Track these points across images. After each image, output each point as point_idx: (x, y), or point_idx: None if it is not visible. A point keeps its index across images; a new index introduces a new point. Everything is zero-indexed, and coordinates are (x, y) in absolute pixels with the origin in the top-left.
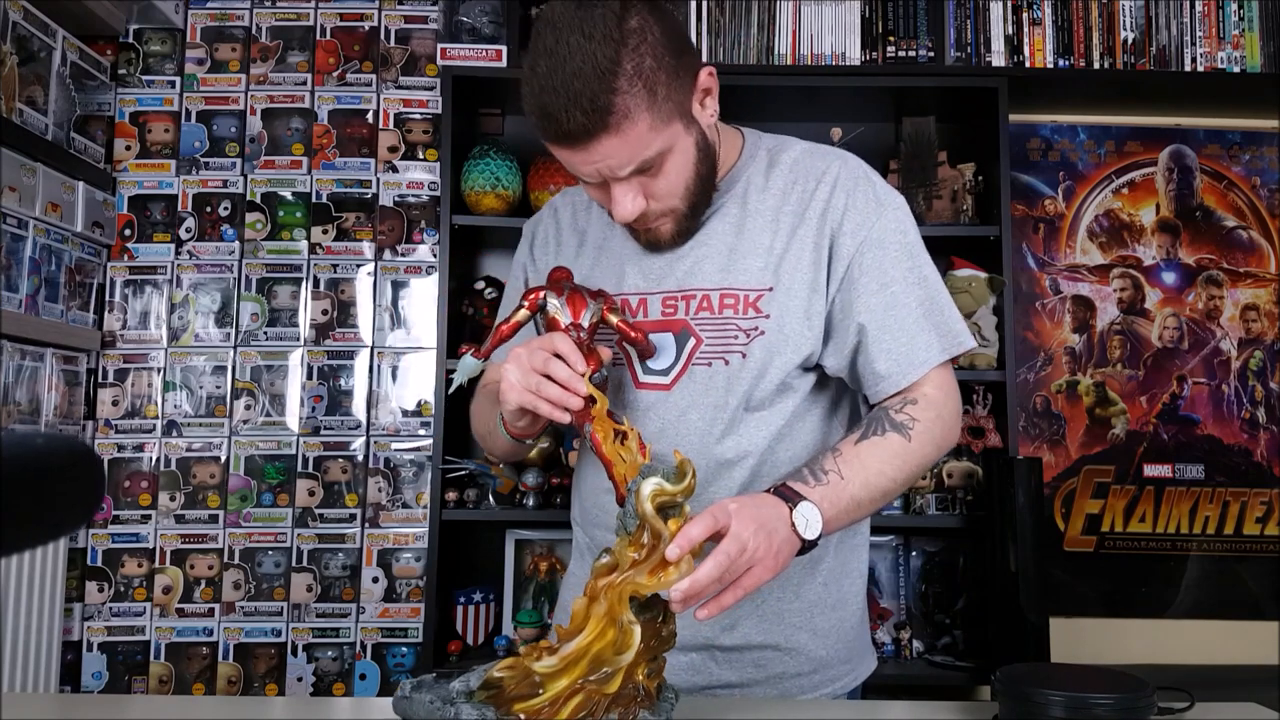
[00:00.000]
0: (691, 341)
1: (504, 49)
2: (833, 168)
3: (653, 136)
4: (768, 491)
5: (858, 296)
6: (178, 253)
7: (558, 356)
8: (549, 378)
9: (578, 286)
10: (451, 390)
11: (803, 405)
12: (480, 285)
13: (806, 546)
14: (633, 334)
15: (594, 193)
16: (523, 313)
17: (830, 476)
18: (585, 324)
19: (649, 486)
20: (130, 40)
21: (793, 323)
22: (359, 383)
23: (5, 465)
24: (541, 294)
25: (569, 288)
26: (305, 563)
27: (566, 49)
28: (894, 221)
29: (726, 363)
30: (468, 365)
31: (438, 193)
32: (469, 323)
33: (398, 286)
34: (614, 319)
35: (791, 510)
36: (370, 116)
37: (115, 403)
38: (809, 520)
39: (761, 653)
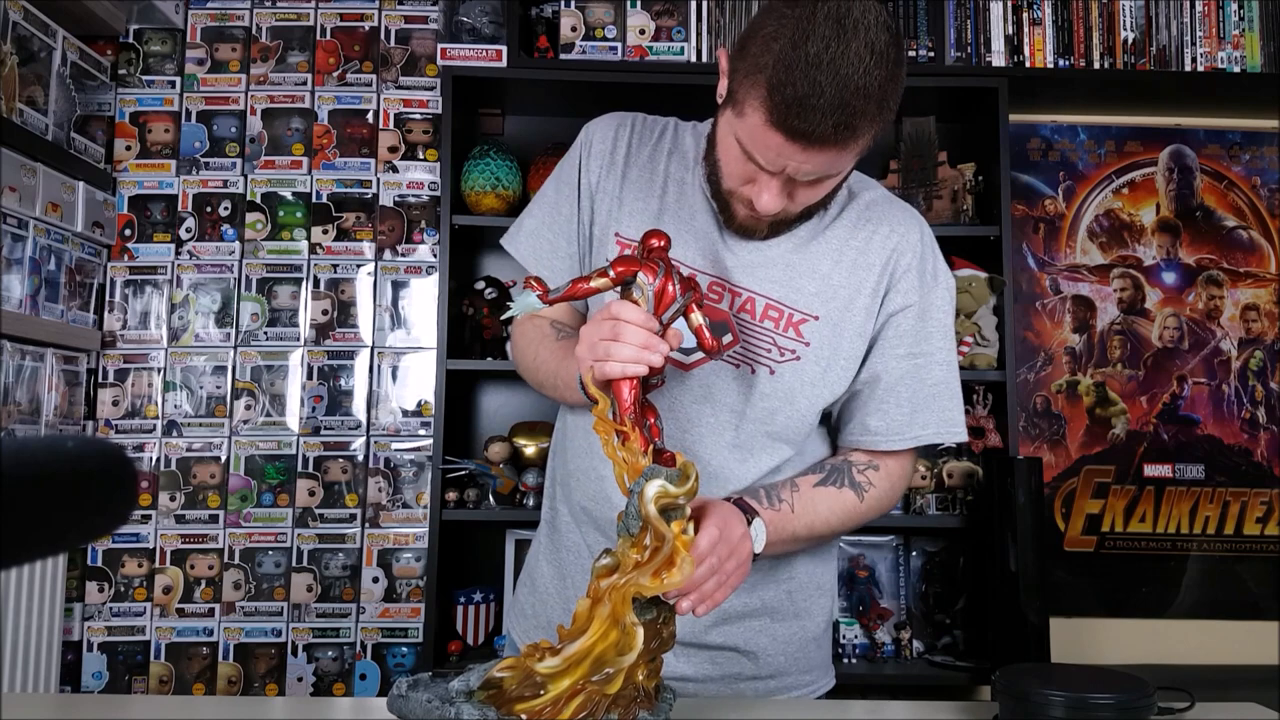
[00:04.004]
0: (727, 336)
1: (504, 49)
2: (908, 223)
3: (851, 161)
4: (725, 500)
5: (883, 352)
6: (178, 253)
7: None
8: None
9: (672, 270)
10: (504, 317)
11: (807, 451)
12: (480, 285)
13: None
14: (708, 340)
15: (740, 167)
16: (604, 281)
17: (784, 506)
18: (665, 319)
19: (653, 489)
20: (130, 40)
21: (831, 358)
22: (359, 383)
23: (37, 469)
24: (635, 271)
25: (663, 270)
26: (305, 563)
27: (849, 51)
28: (942, 300)
29: (753, 371)
30: (529, 303)
31: (438, 193)
32: (469, 323)
33: (398, 286)
34: (696, 319)
35: (749, 524)
36: (370, 116)
37: (115, 403)
38: (757, 536)
39: (719, 652)
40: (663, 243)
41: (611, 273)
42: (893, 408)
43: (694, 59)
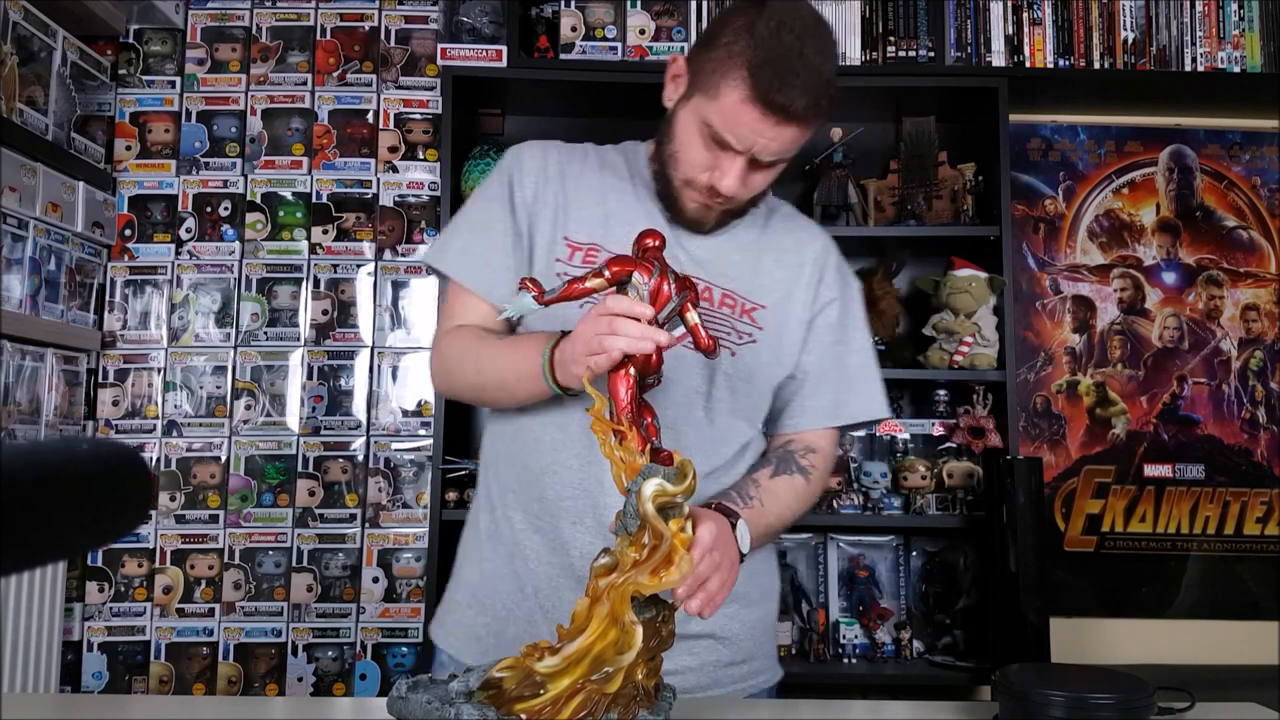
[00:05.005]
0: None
1: (504, 49)
2: (823, 233)
3: (799, 146)
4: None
5: (815, 340)
6: (178, 253)
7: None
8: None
9: (667, 269)
10: (500, 317)
11: (754, 441)
12: None
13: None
14: (704, 339)
15: (703, 154)
16: (599, 281)
17: (754, 503)
18: (661, 319)
19: (650, 487)
20: (130, 40)
21: (779, 342)
22: (359, 383)
23: (49, 472)
24: (630, 270)
25: (658, 270)
26: (305, 563)
27: (815, 43)
28: (857, 297)
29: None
30: (525, 304)
31: (438, 193)
32: None
33: (398, 286)
34: (691, 318)
35: (734, 526)
36: (370, 116)
37: (115, 403)
38: (742, 537)
39: (698, 641)
40: (657, 242)
41: (607, 273)
42: (825, 390)
43: None
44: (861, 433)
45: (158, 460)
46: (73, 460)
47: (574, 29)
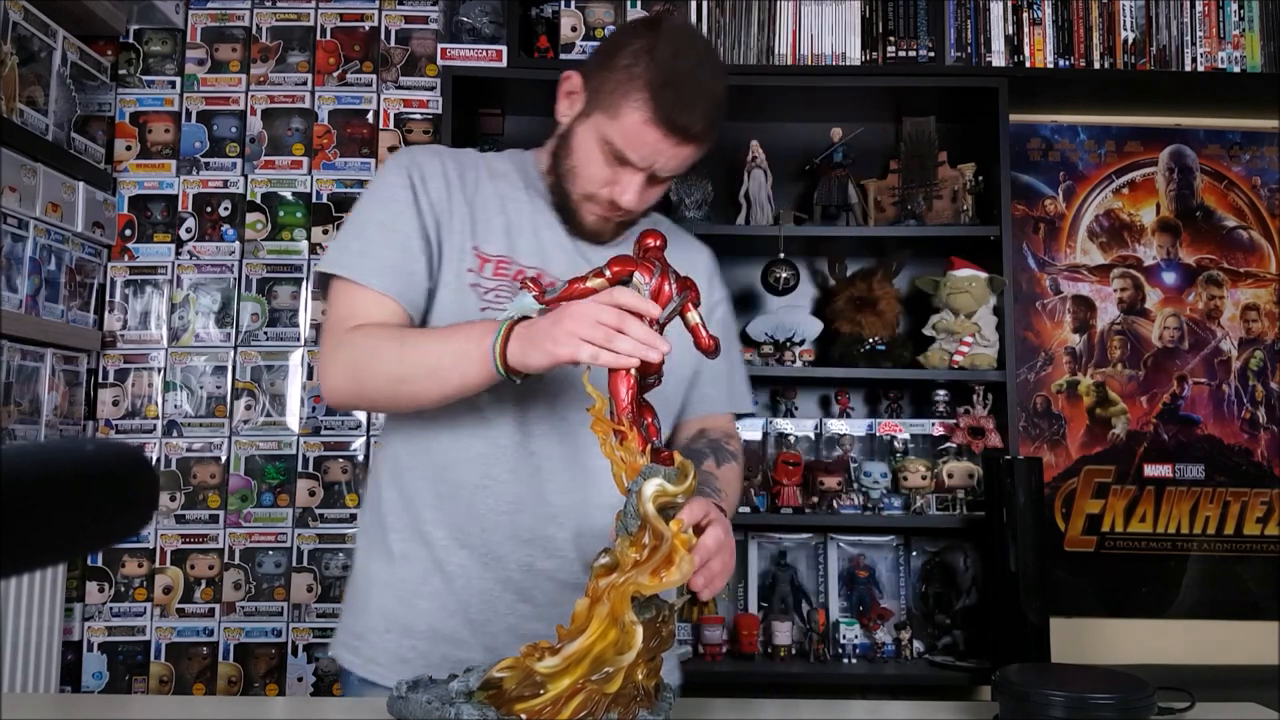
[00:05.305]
0: None
1: (504, 49)
2: (705, 246)
3: (696, 159)
4: None
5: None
6: (178, 253)
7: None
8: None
9: (668, 270)
10: (501, 319)
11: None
12: None
13: None
14: (705, 339)
15: (603, 169)
16: (600, 281)
17: (720, 495)
18: (661, 319)
19: (651, 487)
20: (130, 40)
21: (686, 340)
22: None
23: (53, 472)
24: (631, 270)
25: (659, 270)
26: (305, 563)
27: (706, 67)
28: (729, 302)
29: None
30: (525, 304)
31: None
32: None
33: None
34: (692, 318)
35: None
36: (370, 116)
37: (115, 403)
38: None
39: None
40: (658, 242)
41: (608, 272)
42: (723, 379)
43: None
44: (861, 434)
45: (158, 460)
46: (77, 461)
47: (574, 29)
